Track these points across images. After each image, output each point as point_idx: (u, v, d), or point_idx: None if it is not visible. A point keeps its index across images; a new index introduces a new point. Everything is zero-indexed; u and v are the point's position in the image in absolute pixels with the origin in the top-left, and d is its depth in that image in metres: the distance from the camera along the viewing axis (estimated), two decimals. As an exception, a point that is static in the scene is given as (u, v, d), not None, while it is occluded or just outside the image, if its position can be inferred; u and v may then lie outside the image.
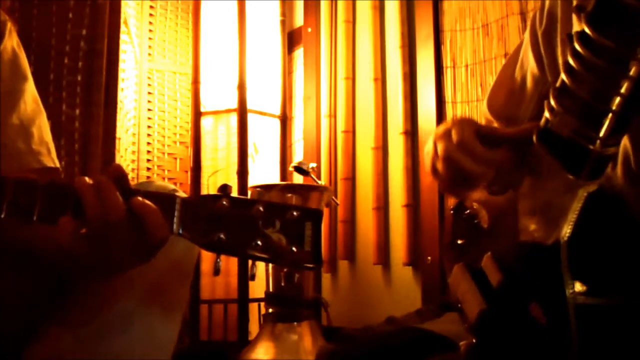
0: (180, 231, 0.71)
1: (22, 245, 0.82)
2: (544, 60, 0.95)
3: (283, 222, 0.71)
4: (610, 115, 0.62)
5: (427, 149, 0.91)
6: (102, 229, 0.69)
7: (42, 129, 0.99)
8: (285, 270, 0.74)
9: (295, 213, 0.71)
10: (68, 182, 0.70)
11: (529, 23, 1.01)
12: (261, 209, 0.71)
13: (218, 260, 0.73)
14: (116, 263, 0.74)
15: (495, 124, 1.05)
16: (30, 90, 0.99)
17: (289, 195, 1.77)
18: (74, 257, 0.71)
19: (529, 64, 0.98)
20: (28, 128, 0.96)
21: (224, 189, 0.72)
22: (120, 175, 0.71)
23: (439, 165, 0.84)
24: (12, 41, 0.98)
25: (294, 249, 0.71)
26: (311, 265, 0.71)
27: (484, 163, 0.79)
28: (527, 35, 1.00)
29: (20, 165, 0.93)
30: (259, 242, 0.70)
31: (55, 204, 0.69)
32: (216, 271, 0.73)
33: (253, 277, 0.76)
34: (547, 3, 0.95)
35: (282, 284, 0.68)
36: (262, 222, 0.71)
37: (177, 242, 0.88)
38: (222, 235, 0.70)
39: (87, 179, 0.70)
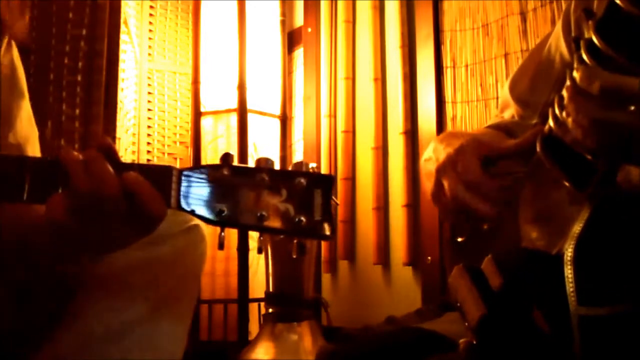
0: (179, 205, 0.67)
1: (16, 237, 0.81)
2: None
3: (290, 191, 0.67)
4: None
5: (425, 166, 0.89)
6: (94, 203, 0.66)
7: (36, 149, 0.98)
8: (295, 241, 0.70)
9: (303, 181, 0.67)
10: (55, 157, 0.67)
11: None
12: (266, 177, 0.67)
13: (222, 233, 0.68)
14: (113, 238, 0.71)
15: (513, 108, 1.04)
16: (26, 108, 0.96)
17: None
18: (69, 235, 0.68)
19: (559, 49, 0.96)
20: (24, 148, 0.94)
21: (226, 158, 0.68)
22: (108, 150, 0.68)
23: (444, 200, 0.82)
24: (11, 54, 0.94)
25: (302, 218, 0.67)
26: (323, 234, 0.68)
27: (494, 202, 0.76)
28: (560, 21, 0.97)
29: None
30: (265, 213, 0.66)
31: (43, 181, 0.66)
32: (220, 245, 0.68)
33: (260, 250, 0.74)
34: None
35: (293, 256, 0.65)
36: (267, 191, 0.67)
37: (187, 260, 0.88)
38: (224, 207, 0.67)
39: (74, 152, 0.67)
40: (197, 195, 0.67)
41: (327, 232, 0.68)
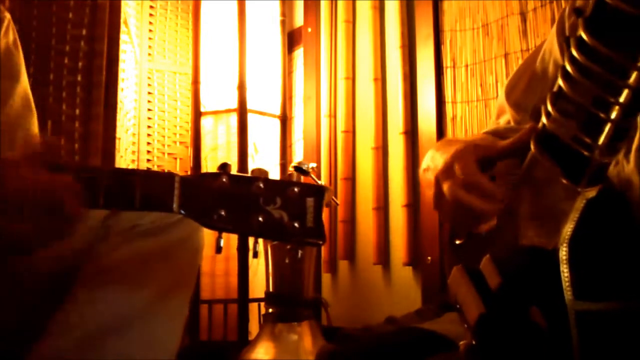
0: (180, 210, 0.70)
1: None
2: None
3: (284, 199, 0.71)
4: (609, 124, 0.61)
5: (424, 176, 0.90)
6: (19, 202, 0.67)
7: (29, 132, 0.98)
8: (288, 247, 0.74)
9: (296, 189, 0.71)
10: None
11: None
12: (262, 186, 0.71)
13: (219, 238, 0.72)
14: (30, 239, 0.71)
15: (509, 113, 1.04)
16: (20, 91, 0.97)
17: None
18: None
19: (553, 55, 0.97)
20: (13, 132, 0.95)
21: (224, 167, 0.72)
22: (48, 151, 0.70)
23: (445, 204, 0.83)
24: (8, 39, 0.97)
25: (296, 225, 0.70)
26: (314, 241, 0.71)
27: (493, 199, 0.78)
28: (554, 27, 0.99)
29: None
30: (260, 219, 0.70)
31: None
32: (218, 249, 0.72)
33: (256, 255, 0.76)
34: None
35: (286, 262, 0.69)
36: (262, 199, 0.70)
37: (181, 253, 0.88)
38: (222, 213, 0.70)
39: (8, 155, 0.69)
40: (196, 200, 0.70)
41: (319, 239, 0.71)
